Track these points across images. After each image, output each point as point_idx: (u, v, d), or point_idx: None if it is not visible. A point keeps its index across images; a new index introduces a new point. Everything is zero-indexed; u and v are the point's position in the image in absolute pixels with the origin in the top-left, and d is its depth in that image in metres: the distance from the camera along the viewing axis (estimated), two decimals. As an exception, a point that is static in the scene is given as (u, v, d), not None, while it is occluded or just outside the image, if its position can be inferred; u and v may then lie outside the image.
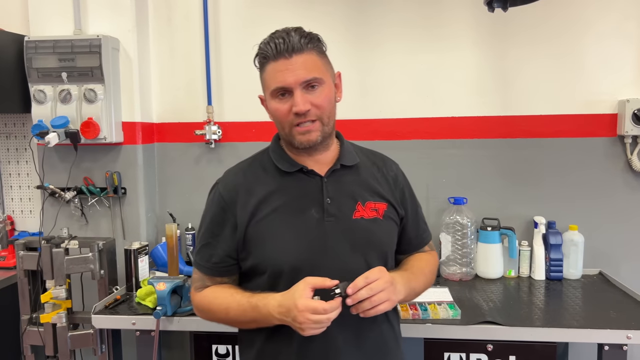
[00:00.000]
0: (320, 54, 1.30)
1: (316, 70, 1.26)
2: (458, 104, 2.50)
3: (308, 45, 1.26)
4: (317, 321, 1.15)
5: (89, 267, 2.17)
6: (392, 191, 1.42)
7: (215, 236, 1.36)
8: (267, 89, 1.31)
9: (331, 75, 1.33)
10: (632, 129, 2.33)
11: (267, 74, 1.29)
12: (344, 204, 1.34)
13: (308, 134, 1.28)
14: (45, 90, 2.34)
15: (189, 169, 2.66)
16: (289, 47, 1.23)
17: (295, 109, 1.24)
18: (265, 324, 1.27)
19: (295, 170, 1.35)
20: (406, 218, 1.44)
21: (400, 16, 2.48)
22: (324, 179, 1.34)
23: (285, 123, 1.29)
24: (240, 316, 1.29)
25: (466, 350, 1.92)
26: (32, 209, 2.75)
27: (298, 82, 1.24)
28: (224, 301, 1.32)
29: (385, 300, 1.19)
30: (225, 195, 1.35)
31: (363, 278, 1.19)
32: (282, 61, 1.24)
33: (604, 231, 2.45)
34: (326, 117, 1.29)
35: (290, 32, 1.26)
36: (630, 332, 1.75)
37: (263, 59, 1.29)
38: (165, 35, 2.61)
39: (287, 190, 1.34)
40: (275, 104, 1.29)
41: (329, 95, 1.30)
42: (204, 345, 2.04)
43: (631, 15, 2.37)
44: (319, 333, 1.18)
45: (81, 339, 2.18)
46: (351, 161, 1.39)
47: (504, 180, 2.50)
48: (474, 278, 2.37)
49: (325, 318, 1.15)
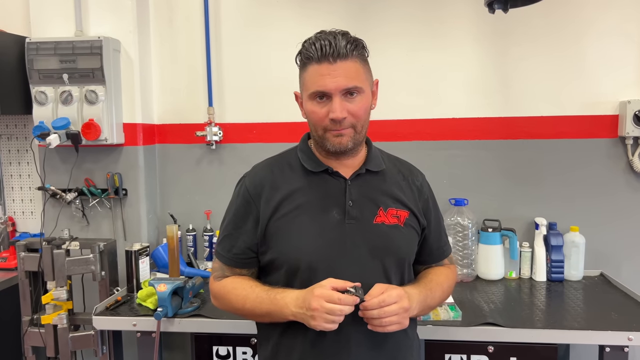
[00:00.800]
0: (363, 62, 1.31)
1: (357, 79, 1.27)
2: (459, 105, 2.50)
3: (353, 52, 1.26)
4: (329, 310, 1.16)
5: (90, 269, 2.18)
6: (416, 200, 1.42)
7: (238, 228, 1.38)
8: (305, 89, 1.31)
9: (370, 83, 1.34)
10: (633, 130, 2.33)
11: (307, 74, 1.29)
12: (366, 208, 1.35)
13: (340, 137, 1.29)
14: (46, 92, 2.35)
15: (189, 170, 2.66)
16: (334, 52, 1.23)
17: (332, 115, 1.25)
18: (279, 318, 1.28)
19: (320, 171, 1.37)
20: (428, 229, 1.45)
21: (400, 16, 2.49)
22: (348, 182, 1.36)
23: (320, 127, 1.30)
24: (256, 307, 1.31)
25: (467, 351, 1.91)
26: (33, 210, 2.75)
27: (338, 89, 1.25)
28: (243, 292, 1.34)
29: (396, 323, 1.21)
30: (251, 188, 1.38)
31: (378, 301, 1.20)
32: (325, 65, 1.25)
33: (605, 232, 2.44)
34: (360, 126, 1.31)
35: (337, 35, 1.25)
36: (632, 334, 1.75)
37: (306, 59, 1.28)
38: (166, 37, 2.62)
39: (311, 190, 1.36)
40: (312, 106, 1.30)
41: (366, 105, 1.31)
42: (204, 346, 2.04)
43: (632, 16, 2.37)
44: (330, 329, 1.19)
45: (82, 340, 2.18)
46: (377, 167, 1.40)
47: (505, 182, 2.50)
48: (475, 279, 2.36)
49: (338, 309, 1.17)
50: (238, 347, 2.02)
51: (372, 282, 1.27)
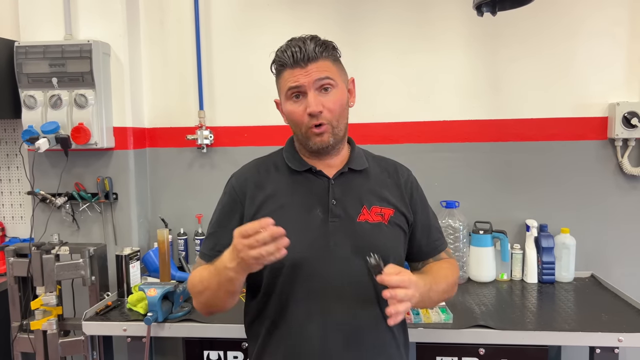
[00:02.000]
0: (335, 61, 1.36)
1: (329, 72, 1.32)
2: (450, 107, 2.50)
3: (323, 54, 1.31)
4: (243, 232, 1.12)
5: (80, 273, 2.16)
6: (402, 197, 1.43)
7: (223, 227, 1.39)
8: (282, 91, 1.36)
9: (344, 80, 1.38)
10: (622, 132, 2.35)
11: (282, 79, 1.34)
12: (349, 206, 1.36)
13: (321, 136, 1.32)
14: (35, 96, 2.33)
15: (180, 174, 2.65)
16: (305, 56, 1.29)
17: (308, 110, 1.29)
18: (226, 283, 1.23)
19: (304, 170, 1.39)
20: (415, 224, 1.45)
21: (391, 19, 2.49)
22: (331, 181, 1.37)
23: (302, 125, 1.33)
24: (211, 284, 1.28)
25: (458, 354, 1.91)
26: (22, 215, 2.74)
27: (311, 82, 1.29)
28: (200, 274, 1.33)
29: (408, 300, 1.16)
30: (237, 187, 1.40)
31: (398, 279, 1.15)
32: (297, 69, 1.30)
33: (595, 234, 2.45)
34: (335, 121, 1.33)
35: (306, 40, 1.31)
36: (622, 335, 1.75)
37: (280, 66, 1.34)
38: (156, 40, 2.61)
39: (295, 189, 1.38)
40: (289, 106, 1.33)
41: (341, 99, 1.34)
42: (195, 351, 2.03)
43: (621, 19, 2.39)
44: (257, 258, 1.12)
45: (72, 345, 2.17)
46: (360, 166, 1.42)
47: (496, 184, 2.51)
48: (467, 281, 2.37)
49: (251, 227, 1.11)
50: (229, 352, 2.01)
51: (356, 280, 1.27)
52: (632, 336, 1.75)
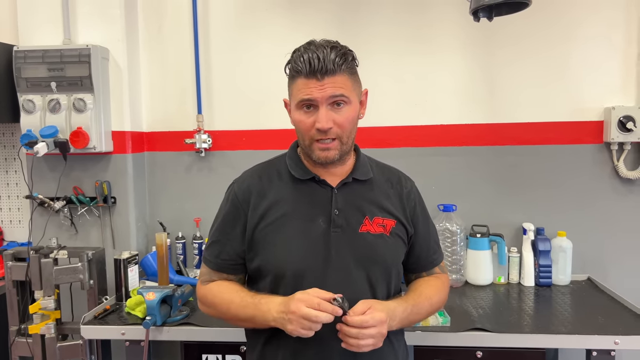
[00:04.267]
0: (352, 74, 1.32)
1: (344, 89, 1.28)
2: (447, 111, 2.52)
3: (342, 67, 1.26)
4: (306, 315, 1.16)
5: (78, 277, 2.16)
6: (404, 209, 1.43)
7: (226, 234, 1.40)
8: (293, 99, 1.32)
9: (358, 94, 1.35)
10: (618, 136, 2.36)
11: (296, 86, 1.30)
12: (352, 216, 1.36)
13: (327, 151, 1.30)
14: (34, 100, 2.34)
15: (179, 178, 2.65)
16: (322, 69, 1.24)
17: (318, 125, 1.27)
18: (262, 323, 1.28)
19: (307, 179, 1.38)
20: (415, 236, 1.45)
21: (388, 24, 2.50)
22: (335, 190, 1.37)
23: (307, 136, 1.31)
24: (240, 311, 1.32)
25: (456, 357, 1.92)
26: (21, 218, 2.74)
27: (324, 98, 1.26)
28: (228, 296, 1.35)
29: (371, 345, 1.21)
30: (240, 195, 1.39)
31: (360, 321, 1.19)
32: (313, 81, 1.26)
33: (592, 237, 2.47)
34: (346, 137, 1.32)
35: (327, 49, 1.25)
36: (618, 338, 1.76)
37: (295, 72, 1.29)
38: (155, 45, 2.62)
39: (298, 198, 1.37)
40: (299, 116, 1.31)
41: (352, 115, 1.32)
42: (194, 355, 2.03)
43: (616, 23, 2.41)
44: (306, 335, 1.18)
45: (70, 349, 2.17)
46: (364, 175, 1.41)
47: (493, 187, 2.52)
48: (464, 285, 2.38)
49: (314, 315, 1.16)
50: (227, 355, 2.01)
51: (357, 290, 1.28)
52: (629, 339, 1.76)
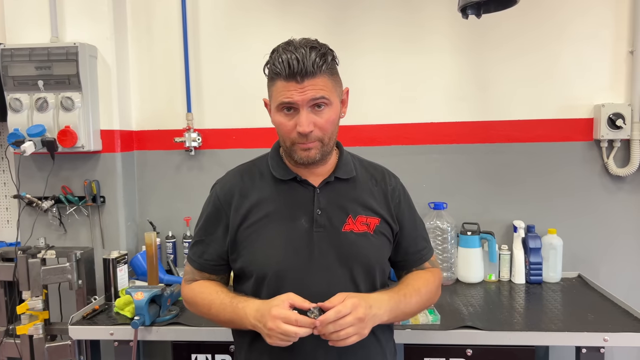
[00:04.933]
0: (332, 75, 1.29)
1: (325, 91, 1.25)
2: (436, 109, 2.52)
3: (322, 69, 1.24)
4: (285, 331, 1.16)
5: (67, 277, 2.15)
6: (388, 206, 1.41)
7: (209, 235, 1.40)
8: (273, 101, 1.30)
9: (339, 94, 1.33)
10: (607, 134, 2.37)
11: (276, 88, 1.27)
12: (335, 216, 1.35)
13: (308, 151, 1.29)
14: (21, 99, 2.31)
15: (168, 177, 2.64)
16: (302, 71, 1.21)
17: (299, 129, 1.25)
18: (240, 325, 1.29)
19: (289, 179, 1.37)
20: (401, 233, 1.43)
21: (379, 23, 2.50)
22: (317, 190, 1.36)
23: (287, 139, 1.30)
24: (220, 313, 1.33)
25: (446, 355, 1.91)
26: (9, 218, 2.71)
27: (305, 101, 1.24)
28: (209, 297, 1.36)
29: (353, 334, 1.18)
30: (221, 196, 1.39)
31: (334, 312, 1.17)
32: (292, 84, 1.23)
33: (582, 234, 2.48)
34: (327, 138, 1.30)
35: (306, 49, 1.22)
36: (607, 335, 1.76)
37: (274, 74, 1.26)
38: (144, 43, 2.60)
39: (280, 198, 1.36)
40: (279, 118, 1.29)
41: (333, 117, 1.30)
42: (183, 354, 2.02)
43: (606, 22, 2.41)
44: (285, 345, 1.19)
45: (59, 350, 2.15)
46: (347, 174, 1.40)
47: (484, 185, 2.52)
48: (455, 282, 2.38)
49: (293, 331, 1.15)
50: (217, 355, 2.00)
51: (341, 290, 1.27)
52: (618, 336, 1.76)
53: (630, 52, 2.40)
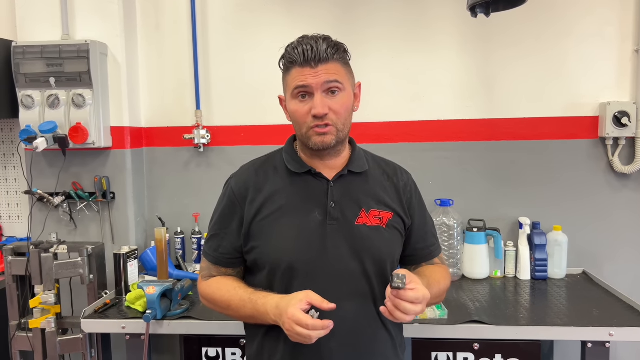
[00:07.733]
0: (345, 65, 1.35)
1: (338, 75, 1.31)
2: (443, 107, 2.54)
3: (334, 56, 1.30)
4: (299, 333, 1.18)
5: (78, 272, 2.17)
6: (400, 200, 1.43)
7: (224, 229, 1.41)
8: (288, 89, 1.35)
9: (352, 84, 1.38)
10: (613, 131, 2.39)
11: (290, 76, 1.33)
12: (348, 209, 1.36)
13: (324, 136, 1.31)
14: (33, 96, 2.34)
15: (177, 173, 2.67)
16: (316, 57, 1.28)
17: (314, 111, 1.29)
18: (262, 321, 1.31)
19: (303, 172, 1.39)
20: (412, 227, 1.45)
21: (385, 20, 2.52)
22: (330, 183, 1.38)
23: (303, 124, 1.33)
24: (240, 310, 1.34)
25: (453, 349, 1.95)
26: (20, 214, 2.74)
27: (319, 84, 1.29)
28: (227, 294, 1.38)
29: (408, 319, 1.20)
30: (236, 190, 1.41)
31: (414, 296, 1.17)
32: (307, 69, 1.29)
33: (587, 231, 2.49)
34: (341, 124, 1.33)
35: (319, 40, 1.30)
36: (613, 330, 1.79)
37: (289, 63, 1.32)
38: (153, 40, 2.63)
39: (294, 191, 1.38)
40: (294, 105, 1.33)
41: (347, 103, 1.34)
42: (194, 348, 2.05)
43: (611, 20, 2.43)
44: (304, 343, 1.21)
45: (70, 343, 2.18)
46: (359, 168, 1.42)
47: (490, 182, 2.54)
48: (461, 279, 2.40)
49: (307, 333, 1.17)
50: (227, 348, 2.03)
51: (353, 282, 1.29)
52: (623, 330, 1.79)
53: (636, 51, 2.42)
